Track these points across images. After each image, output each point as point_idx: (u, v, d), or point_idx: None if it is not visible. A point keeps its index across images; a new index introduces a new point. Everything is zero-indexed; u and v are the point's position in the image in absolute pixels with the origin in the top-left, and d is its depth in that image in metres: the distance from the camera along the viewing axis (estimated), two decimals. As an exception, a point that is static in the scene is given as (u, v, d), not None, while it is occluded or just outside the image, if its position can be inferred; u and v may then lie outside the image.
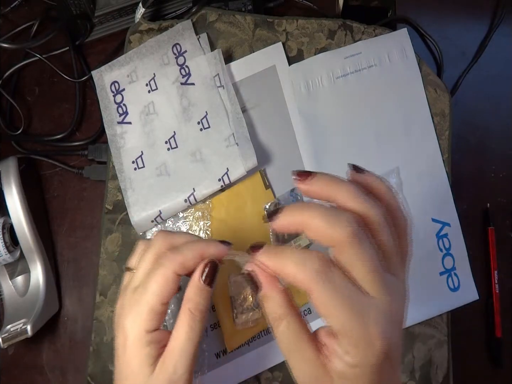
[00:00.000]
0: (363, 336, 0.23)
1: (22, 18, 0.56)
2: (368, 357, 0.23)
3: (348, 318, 0.23)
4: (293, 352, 0.26)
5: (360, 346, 0.23)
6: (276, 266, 0.26)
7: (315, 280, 0.24)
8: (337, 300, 0.24)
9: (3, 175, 0.48)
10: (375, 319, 0.24)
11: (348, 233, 0.24)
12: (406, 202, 0.49)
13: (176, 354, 0.29)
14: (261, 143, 0.49)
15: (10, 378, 0.50)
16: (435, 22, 0.57)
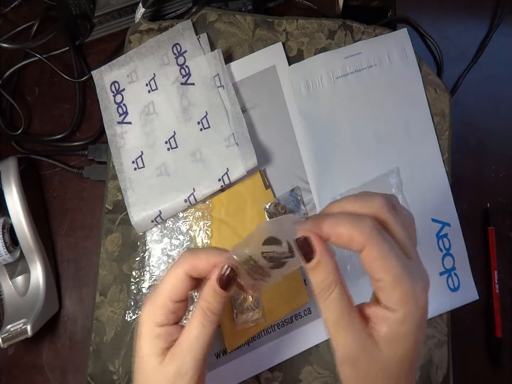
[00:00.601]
0: (412, 290, 0.25)
1: (22, 18, 0.56)
2: (414, 312, 0.25)
3: (401, 271, 0.25)
4: (342, 322, 0.26)
5: (409, 301, 0.25)
6: (330, 227, 0.27)
7: (372, 236, 0.26)
8: (391, 255, 0.25)
9: (3, 175, 0.48)
10: (419, 277, 0.26)
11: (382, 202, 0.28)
12: (406, 202, 0.49)
13: (184, 348, 0.30)
14: (261, 143, 0.49)
15: (10, 378, 0.50)
16: (435, 22, 0.57)
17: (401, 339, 0.26)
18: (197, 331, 0.30)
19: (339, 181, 0.49)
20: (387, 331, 0.26)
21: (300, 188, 0.49)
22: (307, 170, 0.49)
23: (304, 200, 0.49)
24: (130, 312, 0.47)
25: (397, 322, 0.26)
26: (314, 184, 0.49)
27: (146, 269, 0.48)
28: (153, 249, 0.48)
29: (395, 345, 0.26)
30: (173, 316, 0.31)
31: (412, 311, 0.25)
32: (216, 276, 0.30)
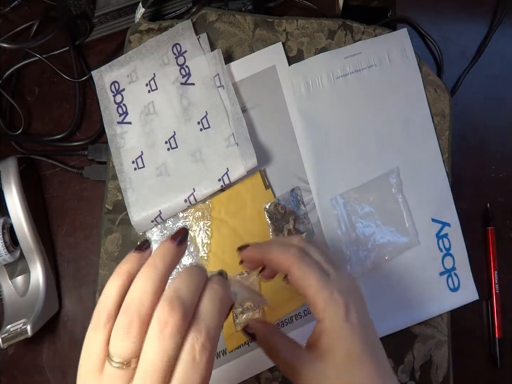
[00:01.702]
0: (329, 297, 0.31)
1: (22, 18, 0.56)
2: (336, 312, 0.31)
3: (319, 285, 0.31)
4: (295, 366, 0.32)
5: (328, 305, 0.31)
6: (263, 254, 0.34)
7: (294, 262, 0.32)
8: (310, 275, 0.32)
9: (3, 175, 0.48)
10: (336, 287, 0.32)
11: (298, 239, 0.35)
12: (406, 202, 0.49)
13: None
14: (261, 143, 0.49)
15: (10, 378, 0.50)
16: (435, 22, 0.57)
17: (336, 341, 0.31)
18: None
19: (339, 181, 0.49)
20: (325, 341, 0.31)
21: (300, 188, 0.49)
22: (307, 170, 0.49)
23: (304, 200, 0.49)
24: (130, 312, 0.47)
25: (327, 329, 0.31)
26: (314, 184, 0.49)
27: (146, 269, 0.48)
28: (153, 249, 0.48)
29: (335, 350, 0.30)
30: None
31: (334, 313, 0.31)
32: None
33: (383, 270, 0.48)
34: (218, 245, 0.48)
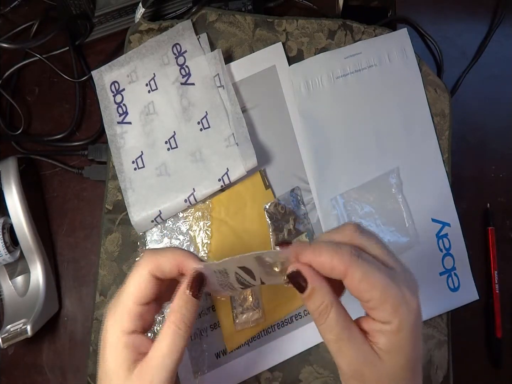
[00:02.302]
0: (401, 298, 0.27)
1: (22, 18, 0.56)
2: (408, 317, 0.27)
3: (385, 285, 0.26)
4: (344, 338, 0.27)
5: (400, 309, 0.26)
6: (312, 257, 0.28)
7: (351, 261, 0.27)
8: (373, 273, 0.27)
9: (3, 175, 0.48)
10: (405, 283, 0.27)
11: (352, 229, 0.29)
12: (406, 202, 0.49)
13: (155, 365, 0.28)
14: (261, 143, 0.49)
15: (10, 378, 0.50)
16: (435, 22, 0.57)
17: (400, 347, 0.27)
18: (168, 348, 0.28)
19: (339, 181, 0.49)
20: (385, 342, 0.27)
21: (300, 188, 0.49)
22: (307, 170, 0.49)
23: (304, 200, 0.49)
24: (130, 312, 0.47)
25: (393, 332, 0.27)
26: (314, 184, 0.49)
27: (146, 269, 0.48)
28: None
29: (396, 354, 0.27)
30: (140, 322, 0.29)
31: (405, 318, 0.27)
32: (185, 284, 0.29)
33: (383, 270, 0.48)
34: (218, 245, 0.48)
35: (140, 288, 0.29)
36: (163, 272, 0.29)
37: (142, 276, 0.29)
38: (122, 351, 0.29)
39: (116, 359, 0.29)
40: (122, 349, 0.29)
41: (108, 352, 0.29)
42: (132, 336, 0.29)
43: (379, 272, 0.27)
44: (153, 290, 0.30)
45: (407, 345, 0.27)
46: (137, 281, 0.29)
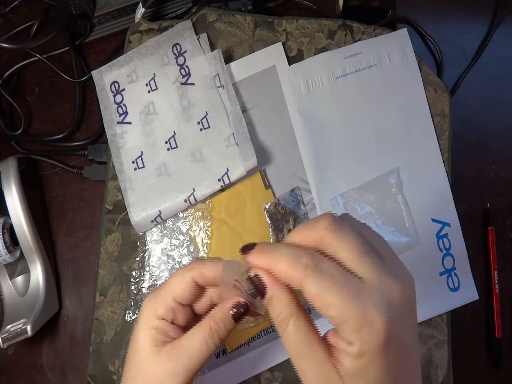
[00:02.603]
0: (362, 318, 0.23)
1: (22, 18, 0.56)
2: (372, 341, 0.23)
3: (344, 302, 0.23)
4: (302, 354, 0.25)
5: (362, 330, 0.23)
6: (268, 264, 0.26)
7: (306, 274, 0.24)
8: (330, 288, 0.23)
9: (3, 175, 0.48)
10: (373, 300, 0.23)
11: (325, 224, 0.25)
12: (406, 202, 0.49)
13: (183, 354, 0.30)
14: (261, 143, 0.49)
15: (10, 378, 0.50)
16: (435, 22, 0.57)
17: (364, 373, 0.23)
18: (199, 345, 0.30)
19: (339, 181, 0.49)
20: (348, 365, 0.24)
21: (300, 188, 0.49)
22: (307, 170, 0.49)
23: (304, 200, 0.49)
24: (130, 312, 0.47)
25: (355, 356, 0.23)
26: (314, 184, 0.49)
27: (146, 269, 0.48)
28: (153, 249, 0.48)
29: (358, 379, 0.24)
30: (171, 315, 0.31)
31: (368, 341, 0.23)
32: (231, 305, 0.30)
33: (383, 270, 0.48)
34: (218, 245, 0.48)
35: (180, 288, 0.31)
36: (205, 279, 0.30)
37: (184, 279, 0.31)
38: (151, 330, 0.30)
39: (145, 335, 0.30)
40: (151, 329, 0.30)
41: (140, 328, 0.31)
42: (162, 321, 0.31)
43: (337, 288, 0.23)
44: (191, 294, 0.31)
45: (373, 371, 0.23)
46: (179, 281, 0.31)
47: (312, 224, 0.26)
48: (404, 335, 0.24)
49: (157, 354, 0.30)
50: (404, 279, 0.25)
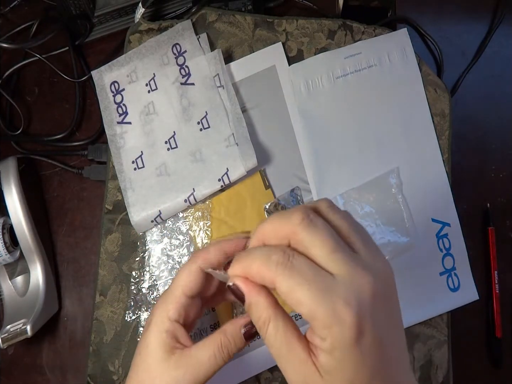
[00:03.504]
0: (332, 315, 0.23)
1: (22, 18, 0.56)
2: (342, 336, 0.23)
3: (314, 299, 0.23)
4: (283, 354, 0.25)
5: (332, 326, 0.23)
6: (244, 269, 0.26)
7: (277, 273, 0.24)
8: (300, 285, 0.24)
9: (3, 175, 0.48)
10: (342, 296, 0.23)
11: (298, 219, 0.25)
12: (406, 202, 0.49)
13: (192, 363, 0.30)
14: (261, 143, 0.49)
15: (10, 378, 0.50)
16: (435, 22, 0.57)
17: (338, 368, 0.24)
18: (207, 358, 0.30)
19: (339, 181, 0.49)
20: (324, 360, 0.24)
21: (300, 188, 0.49)
22: (307, 170, 0.49)
23: (304, 200, 0.49)
24: (130, 312, 0.47)
25: (328, 351, 0.24)
26: (314, 184, 0.49)
27: (146, 269, 0.48)
28: (153, 249, 0.48)
29: (335, 376, 0.24)
30: (183, 313, 0.32)
31: (339, 337, 0.23)
32: (243, 322, 0.31)
33: (383, 270, 0.48)
34: (218, 245, 0.48)
35: (188, 281, 0.32)
36: (211, 262, 0.31)
37: (191, 270, 0.32)
38: (162, 334, 0.31)
39: (156, 339, 0.31)
40: (162, 333, 0.31)
41: (151, 332, 0.31)
42: (173, 323, 0.31)
43: (307, 285, 0.23)
44: (201, 284, 0.32)
45: (348, 365, 0.24)
46: (186, 274, 0.32)
47: (285, 217, 0.26)
48: (377, 327, 0.24)
49: (166, 361, 0.30)
50: (377, 271, 0.25)
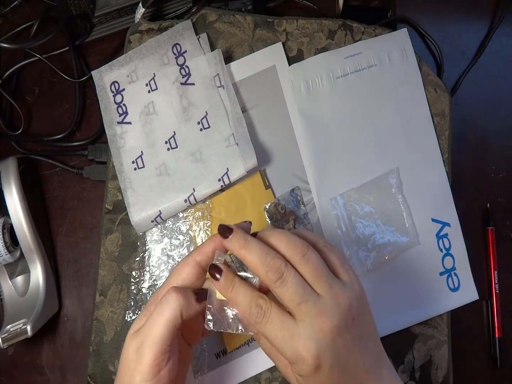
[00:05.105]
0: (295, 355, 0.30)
1: (22, 18, 0.56)
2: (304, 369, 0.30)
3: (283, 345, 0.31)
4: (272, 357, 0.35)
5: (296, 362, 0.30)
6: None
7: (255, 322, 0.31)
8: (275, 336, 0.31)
9: (3, 175, 0.48)
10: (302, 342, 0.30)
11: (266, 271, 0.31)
12: (406, 202, 0.49)
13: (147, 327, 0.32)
14: (261, 143, 0.49)
15: (10, 378, 0.50)
16: (435, 22, 0.57)
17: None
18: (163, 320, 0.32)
19: (339, 181, 0.49)
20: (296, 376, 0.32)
21: (300, 188, 0.49)
22: (307, 170, 0.49)
23: (304, 200, 0.49)
24: (130, 312, 0.47)
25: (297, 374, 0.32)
26: (314, 184, 0.49)
27: (146, 269, 0.48)
28: (153, 249, 0.48)
29: None
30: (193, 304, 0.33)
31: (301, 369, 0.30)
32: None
33: (383, 270, 0.48)
34: (218, 245, 0.48)
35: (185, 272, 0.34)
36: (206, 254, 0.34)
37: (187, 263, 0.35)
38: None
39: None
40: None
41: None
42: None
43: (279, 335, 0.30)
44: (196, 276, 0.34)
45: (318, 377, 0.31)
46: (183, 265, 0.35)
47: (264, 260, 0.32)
48: (336, 355, 0.30)
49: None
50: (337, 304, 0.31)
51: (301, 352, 0.30)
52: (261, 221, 0.48)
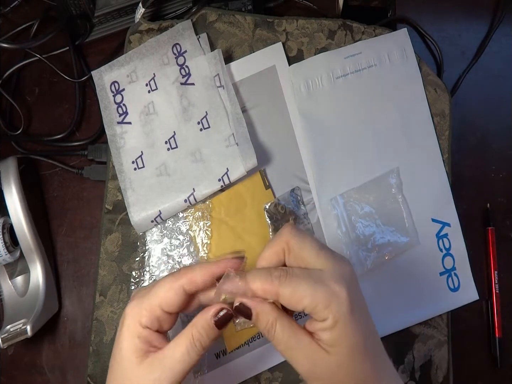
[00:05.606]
0: (329, 295, 0.29)
1: (22, 18, 0.56)
2: (340, 310, 0.29)
3: (312, 288, 0.29)
4: (292, 347, 0.30)
5: (331, 304, 0.29)
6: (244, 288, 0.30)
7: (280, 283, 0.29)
8: (300, 286, 0.29)
9: (3, 175, 0.48)
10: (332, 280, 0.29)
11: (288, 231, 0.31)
12: (406, 202, 0.49)
13: (166, 365, 0.30)
14: (261, 143, 0.49)
15: (10, 378, 0.50)
16: (435, 22, 0.57)
17: (341, 337, 0.29)
18: (181, 356, 0.30)
19: (339, 181, 0.49)
20: (327, 337, 0.29)
21: (300, 188, 0.49)
22: (307, 170, 0.49)
23: (304, 200, 0.49)
24: (130, 312, 0.47)
25: (331, 327, 0.29)
26: (314, 184, 0.49)
27: (146, 269, 0.48)
28: (153, 249, 0.48)
29: (339, 345, 0.29)
30: (157, 324, 0.31)
31: (338, 310, 0.29)
32: (213, 312, 0.30)
33: (383, 270, 0.48)
34: (218, 245, 0.48)
35: (168, 297, 0.31)
36: (196, 285, 0.31)
37: (173, 287, 0.31)
38: (134, 339, 0.30)
39: (129, 344, 0.31)
40: (134, 338, 0.30)
41: (123, 336, 0.31)
42: (146, 330, 0.31)
43: (306, 282, 0.29)
44: (180, 303, 0.31)
45: (347, 334, 0.29)
46: (167, 290, 0.31)
47: (278, 234, 0.32)
48: (360, 301, 0.31)
49: (140, 365, 0.30)
50: (347, 261, 0.32)
51: (334, 289, 0.29)
52: (261, 221, 0.48)
